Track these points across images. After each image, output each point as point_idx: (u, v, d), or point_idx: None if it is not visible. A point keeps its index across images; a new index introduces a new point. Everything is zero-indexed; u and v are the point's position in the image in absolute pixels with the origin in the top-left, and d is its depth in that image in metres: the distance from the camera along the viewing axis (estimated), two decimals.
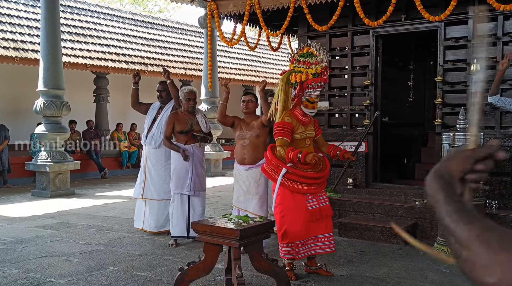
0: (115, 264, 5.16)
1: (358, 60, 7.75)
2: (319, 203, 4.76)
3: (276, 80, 19.22)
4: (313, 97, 4.74)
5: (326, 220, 4.82)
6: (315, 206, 4.73)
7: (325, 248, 4.86)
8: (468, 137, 4.40)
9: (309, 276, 4.83)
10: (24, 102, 11.92)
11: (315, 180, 4.70)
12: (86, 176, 12.74)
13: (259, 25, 7.85)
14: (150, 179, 6.38)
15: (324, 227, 4.80)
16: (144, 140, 6.44)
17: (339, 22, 7.37)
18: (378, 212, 6.65)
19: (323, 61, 4.71)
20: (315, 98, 4.76)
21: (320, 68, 4.68)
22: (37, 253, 5.58)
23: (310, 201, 4.72)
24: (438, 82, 6.94)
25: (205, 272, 4.12)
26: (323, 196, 4.85)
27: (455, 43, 6.81)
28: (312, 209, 4.72)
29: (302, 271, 4.95)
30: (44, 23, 9.71)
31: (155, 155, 6.37)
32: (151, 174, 6.38)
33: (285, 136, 4.63)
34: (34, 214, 7.98)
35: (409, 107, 9.20)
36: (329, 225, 4.85)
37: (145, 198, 6.42)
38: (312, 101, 4.75)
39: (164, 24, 17.48)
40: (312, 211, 4.71)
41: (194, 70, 15.59)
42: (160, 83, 6.56)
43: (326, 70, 4.77)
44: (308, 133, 4.80)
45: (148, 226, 6.42)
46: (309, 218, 4.69)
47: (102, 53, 13.47)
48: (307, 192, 4.70)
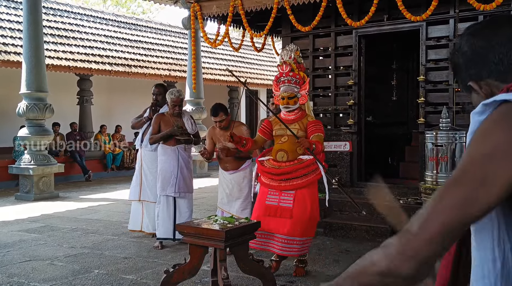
0: (100, 267, 5.13)
1: (342, 60, 7.80)
2: (279, 202, 4.73)
3: (260, 81, 19.26)
4: (281, 93, 4.89)
5: (290, 221, 4.65)
6: (274, 202, 4.75)
7: (287, 251, 4.70)
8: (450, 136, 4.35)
9: (296, 276, 4.83)
10: (7, 105, 11.79)
11: (273, 175, 4.76)
12: (70, 178, 12.63)
13: (243, 26, 7.85)
14: (146, 182, 6.35)
15: (287, 228, 4.64)
16: (140, 143, 6.40)
17: (322, 22, 7.40)
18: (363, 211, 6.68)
19: (283, 57, 4.97)
20: (282, 94, 4.87)
21: (279, 63, 4.99)
22: (21, 257, 5.53)
23: (271, 196, 4.79)
24: (421, 81, 7.00)
25: (191, 274, 4.11)
26: (287, 196, 4.72)
27: (437, 42, 6.88)
28: (269, 204, 4.76)
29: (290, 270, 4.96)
30: (27, 25, 9.61)
31: (151, 157, 6.34)
32: (147, 177, 6.35)
33: (259, 131, 5.07)
34: (17, 217, 7.90)
35: (392, 106, 9.27)
36: (296, 228, 4.65)
37: (142, 200, 6.38)
38: (282, 97, 4.88)
39: (147, 26, 17.40)
40: (268, 206, 4.75)
41: (178, 71, 15.54)
42: (155, 86, 6.57)
43: (285, 64, 4.91)
44: (288, 131, 4.75)
45: (146, 227, 6.40)
46: (263, 212, 4.74)
47: (85, 55, 13.37)
48: (270, 187, 4.80)
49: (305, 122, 4.84)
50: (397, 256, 1.02)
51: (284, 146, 4.79)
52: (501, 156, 1.01)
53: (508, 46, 1.15)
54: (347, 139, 7.43)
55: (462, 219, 1.02)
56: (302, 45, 8.11)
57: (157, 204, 6.03)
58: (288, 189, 4.72)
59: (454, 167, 5.63)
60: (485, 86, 1.20)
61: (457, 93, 6.62)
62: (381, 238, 6.10)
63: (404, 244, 1.02)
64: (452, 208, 1.01)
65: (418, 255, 1.01)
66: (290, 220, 4.66)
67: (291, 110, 4.88)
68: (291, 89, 4.84)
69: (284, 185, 4.73)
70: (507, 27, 1.17)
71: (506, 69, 1.16)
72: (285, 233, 4.65)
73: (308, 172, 4.75)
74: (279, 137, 4.87)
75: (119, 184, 12.24)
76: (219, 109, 5.34)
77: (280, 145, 4.82)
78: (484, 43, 1.18)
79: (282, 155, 4.79)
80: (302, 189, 4.73)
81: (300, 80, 4.88)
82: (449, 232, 1.01)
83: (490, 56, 1.17)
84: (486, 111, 1.09)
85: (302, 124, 4.84)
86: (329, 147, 7.38)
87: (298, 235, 4.67)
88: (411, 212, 4.47)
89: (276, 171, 4.75)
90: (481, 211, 1.01)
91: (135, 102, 15.67)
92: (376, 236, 6.16)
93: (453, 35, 6.65)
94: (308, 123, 4.83)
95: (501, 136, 1.02)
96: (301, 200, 4.71)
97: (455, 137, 5.58)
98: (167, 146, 5.97)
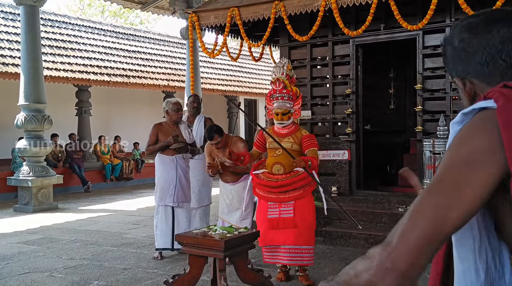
0: (100, 279, 5.12)
1: (339, 69, 7.83)
2: (280, 213, 4.78)
3: (258, 90, 19.30)
4: (275, 109, 4.92)
5: (294, 230, 4.74)
6: (275, 215, 4.79)
7: (297, 260, 4.81)
8: None
9: (296, 285, 4.83)
10: (5, 117, 11.79)
11: (271, 188, 4.79)
12: (69, 189, 12.61)
13: (241, 36, 7.89)
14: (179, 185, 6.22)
15: (293, 238, 4.73)
16: None
17: (320, 32, 7.44)
18: (362, 219, 6.69)
19: (276, 73, 4.99)
20: (276, 110, 4.90)
21: (272, 79, 5.02)
22: (20, 270, 5.51)
23: (271, 209, 4.82)
24: (418, 89, 7.03)
25: (191, 285, 4.11)
26: (287, 207, 4.78)
27: (434, 51, 6.91)
28: (271, 217, 4.80)
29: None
30: (24, 37, 9.65)
31: (192, 164, 6.32)
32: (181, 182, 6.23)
33: (255, 145, 5.16)
34: (16, 229, 7.88)
35: (390, 115, 9.30)
36: (301, 237, 4.75)
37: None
38: (276, 113, 4.90)
39: (146, 36, 17.47)
40: (271, 219, 4.80)
41: (177, 81, 15.58)
42: (192, 96, 6.77)
43: (278, 82, 4.94)
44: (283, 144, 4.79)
45: None
46: (267, 225, 4.81)
47: (83, 66, 13.41)
48: (268, 200, 4.84)
49: (299, 136, 4.92)
50: (378, 269, 0.98)
51: (280, 159, 4.82)
52: (476, 161, 0.98)
53: (497, 48, 1.10)
54: (345, 148, 7.44)
55: (440, 229, 0.97)
56: (299, 54, 8.17)
57: (155, 214, 6.03)
58: (287, 200, 4.78)
59: None
60: (469, 85, 1.16)
61: (454, 101, 6.65)
62: None
63: (384, 257, 0.98)
64: (428, 219, 0.97)
65: (397, 268, 0.97)
66: (295, 229, 4.75)
67: (285, 125, 4.94)
68: (285, 105, 4.90)
69: (283, 197, 4.78)
70: (502, 26, 1.10)
71: (491, 72, 1.11)
72: (291, 243, 4.75)
73: (306, 184, 4.81)
74: (273, 150, 4.89)
75: (118, 195, 12.23)
76: (213, 133, 5.35)
77: (275, 158, 4.86)
78: (475, 40, 1.12)
79: (278, 168, 4.83)
80: (301, 199, 4.80)
81: (293, 96, 4.93)
82: (427, 244, 0.97)
83: (477, 56, 1.12)
84: (464, 120, 1.06)
85: (296, 138, 4.91)
86: (328, 155, 7.39)
87: (304, 243, 4.78)
88: None
89: (274, 184, 4.79)
90: (458, 219, 0.97)
91: (134, 113, 15.75)
92: (375, 244, 6.13)
93: None
94: (302, 138, 4.90)
95: (476, 142, 0.99)
96: (300, 209, 4.78)
97: None
98: (165, 156, 5.97)
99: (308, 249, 4.82)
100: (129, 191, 13.03)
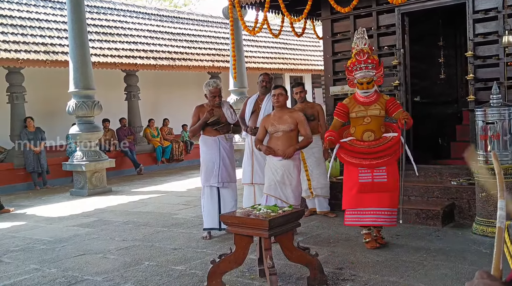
0: (150, 259, 5.22)
1: (385, 40, 7.56)
2: (373, 178, 5.07)
3: (304, 67, 19.04)
4: (359, 79, 5.16)
5: (380, 194, 5.03)
6: (368, 179, 5.08)
7: (378, 221, 5.11)
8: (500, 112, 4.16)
9: (344, 263, 4.76)
10: (58, 104, 12.15)
11: (366, 155, 5.07)
12: (122, 173, 12.95)
13: (282, 11, 7.75)
14: (258, 165, 6.28)
15: (388, 201, 5.04)
16: None
17: (363, 2, 7.21)
18: (413, 194, 6.52)
19: (358, 44, 5.26)
20: (361, 80, 5.15)
21: (355, 51, 5.25)
22: (75, 252, 5.70)
23: (363, 174, 5.10)
24: (469, 57, 6.70)
25: (237, 264, 4.12)
26: (381, 172, 5.06)
27: (485, 15, 6.55)
28: (363, 182, 5.08)
29: None
30: (71, 25, 9.86)
31: None
32: (258, 161, 6.27)
33: (337, 116, 5.30)
34: (72, 213, 8.16)
35: (441, 85, 8.95)
36: (384, 200, 5.03)
37: (254, 183, 6.34)
38: (360, 82, 5.15)
39: (189, 18, 17.51)
40: (363, 184, 5.08)
41: (221, 61, 15.58)
42: (262, 75, 6.65)
43: (362, 53, 5.20)
44: (370, 112, 5.12)
45: None
46: (358, 189, 5.08)
47: (130, 51, 13.60)
48: (360, 166, 5.11)
49: (383, 102, 5.17)
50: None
51: (370, 126, 5.12)
52: None
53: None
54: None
55: None
56: (343, 27, 7.94)
57: (202, 195, 6.07)
58: (381, 165, 5.08)
59: (506, 145, 5.37)
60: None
61: (509, 67, 6.30)
62: (432, 220, 5.93)
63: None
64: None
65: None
66: (389, 193, 5.07)
67: (369, 94, 5.17)
68: (369, 74, 5.16)
69: (376, 162, 5.07)
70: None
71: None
72: (386, 206, 5.06)
73: (397, 149, 5.10)
74: (361, 118, 5.16)
75: (169, 176, 12.45)
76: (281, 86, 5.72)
77: (365, 125, 5.13)
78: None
79: (369, 134, 5.13)
80: (392, 165, 5.13)
81: (376, 64, 5.19)
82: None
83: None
84: None
85: (381, 104, 5.16)
86: None
87: (394, 206, 5.13)
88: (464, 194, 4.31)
89: (367, 150, 5.07)
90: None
91: (180, 95, 15.90)
92: (427, 219, 5.98)
93: (502, 6, 6.32)
94: (386, 103, 5.17)
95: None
96: (393, 174, 5.12)
97: (507, 114, 5.32)
98: (207, 137, 5.98)
99: (395, 211, 5.14)
100: (180, 172, 13.24)
